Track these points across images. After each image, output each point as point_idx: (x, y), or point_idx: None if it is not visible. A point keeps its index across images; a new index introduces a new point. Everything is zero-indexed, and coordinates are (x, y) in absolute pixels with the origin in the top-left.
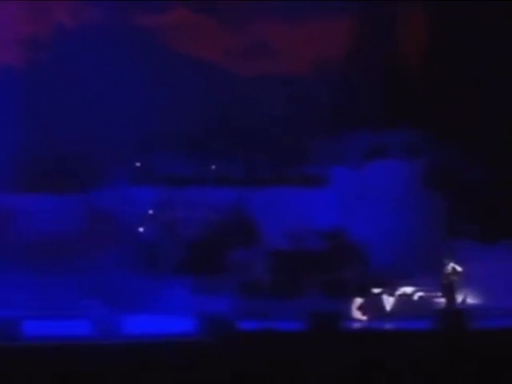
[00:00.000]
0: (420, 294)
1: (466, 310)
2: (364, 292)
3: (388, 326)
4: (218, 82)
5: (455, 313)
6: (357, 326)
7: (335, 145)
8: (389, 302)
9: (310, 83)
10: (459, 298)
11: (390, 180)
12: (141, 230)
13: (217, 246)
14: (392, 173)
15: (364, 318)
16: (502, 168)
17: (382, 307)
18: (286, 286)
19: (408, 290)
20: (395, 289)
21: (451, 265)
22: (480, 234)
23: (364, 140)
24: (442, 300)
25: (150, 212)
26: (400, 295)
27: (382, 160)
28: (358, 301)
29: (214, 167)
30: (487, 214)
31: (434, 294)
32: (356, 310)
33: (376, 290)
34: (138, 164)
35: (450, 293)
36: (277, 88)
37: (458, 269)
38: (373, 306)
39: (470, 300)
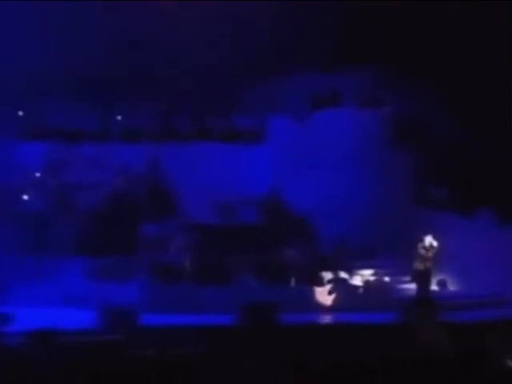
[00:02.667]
0: (383, 278)
1: (439, 297)
2: (311, 276)
3: (339, 318)
4: (126, 11)
5: (427, 302)
6: (301, 319)
7: (273, 90)
8: (342, 288)
9: (241, 10)
10: (433, 283)
11: (343, 135)
12: (25, 197)
13: (123, 219)
14: (345, 126)
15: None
16: (479, 120)
17: (334, 295)
18: (211, 269)
19: (367, 273)
20: (351, 272)
21: (422, 240)
22: (455, 201)
23: (310, 84)
24: (412, 286)
25: (38, 175)
26: (357, 280)
27: (333, 110)
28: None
29: (119, 118)
30: (463, 177)
31: (400, 277)
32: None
33: (326, 274)
34: (21, 113)
35: (421, 276)
36: (200, 17)
37: (433, 244)
38: (322, 294)
39: (446, 285)
